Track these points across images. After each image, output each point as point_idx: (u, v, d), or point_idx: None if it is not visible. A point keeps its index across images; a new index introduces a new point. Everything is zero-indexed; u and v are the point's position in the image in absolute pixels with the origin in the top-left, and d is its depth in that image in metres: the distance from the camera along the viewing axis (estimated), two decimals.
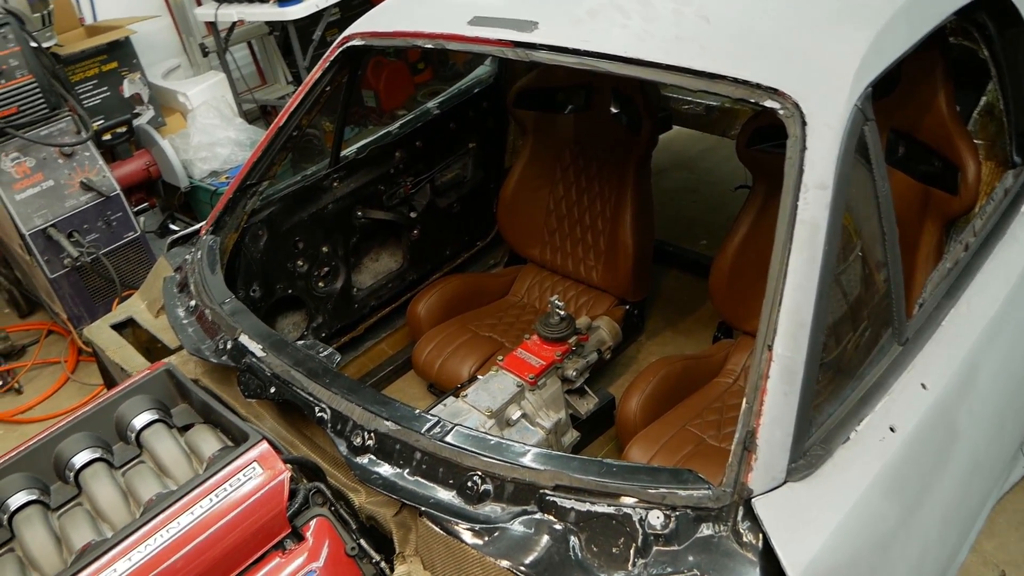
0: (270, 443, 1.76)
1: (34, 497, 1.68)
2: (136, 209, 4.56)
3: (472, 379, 2.56)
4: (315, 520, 1.60)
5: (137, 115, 4.51)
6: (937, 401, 1.64)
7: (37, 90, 3.47)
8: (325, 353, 1.94)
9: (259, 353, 1.96)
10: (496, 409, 2.39)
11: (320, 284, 3.10)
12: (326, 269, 3.10)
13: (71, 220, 3.60)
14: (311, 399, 1.79)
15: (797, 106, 1.59)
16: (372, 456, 1.66)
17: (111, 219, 3.71)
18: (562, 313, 2.56)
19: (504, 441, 1.59)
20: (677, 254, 3.75)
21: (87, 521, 1.62)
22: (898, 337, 1.70)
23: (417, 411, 1.69)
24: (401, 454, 1.63)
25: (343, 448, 1.68)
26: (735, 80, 1.66)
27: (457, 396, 2.48)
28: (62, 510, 1.69)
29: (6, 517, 1.65)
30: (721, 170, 4.43)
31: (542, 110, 3.27)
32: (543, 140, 3.34)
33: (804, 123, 1.57)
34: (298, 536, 1.59)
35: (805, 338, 1.46)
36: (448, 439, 1.60)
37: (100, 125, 4.28)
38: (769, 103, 1.62)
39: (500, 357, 2.58)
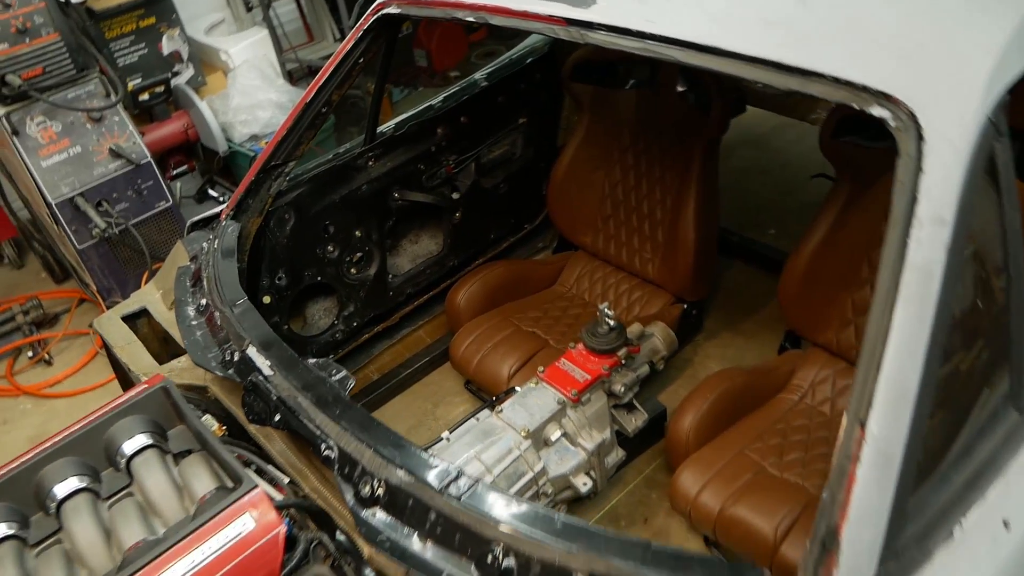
0: (277, 480, 1.57)
1: (11, 532, 1.50)
2: (174, 173, 4.41)
3: (510, 391, 2.32)
4: None
5: (176, 74, 4.30)
6: None
7: (64, 50, 3.27)
8: (338, 376, 1.72)
9: (266, 371, 1.74)
10: (534, 429, 2.16)
11: (352, 271, 2.88)
12: (359, 255, 2.88)
13: (100, 189, 3.42)
14: (318, 433, 1.57)
15: (913, 116, 1.27)
16: (382, 511, 1.43)
17: (142, 187, 3.53)
18: (611, 323, 2.29)
19: (533, 509, 1.35)
20: (742, 245, 3.43)
21: (62, 567, 1.44)
22: (1016, 402, 1.40)
23: (434, 459, 1.45)
24: (414, 512, 1.40)
25: (350, 497, 1.47)
26: (835, 80, 1.35)
27: (492, 410, 2.25)
28: (40, 547, 1.51)
29: None
30: (794, 150, 4.05)
31: (601, 84, 2.95)
32: (600, 117, 3.03)
33: (921, 138, 1.26)
34: None
35: (907, 415, 1.18)
36: (468, 499, 1.37)
37: (137, 85, 4.09)
38: (877, 111, 1.31)
39: (541, 368, 2.33)
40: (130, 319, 2.34)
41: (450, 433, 2.22)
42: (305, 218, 2.64)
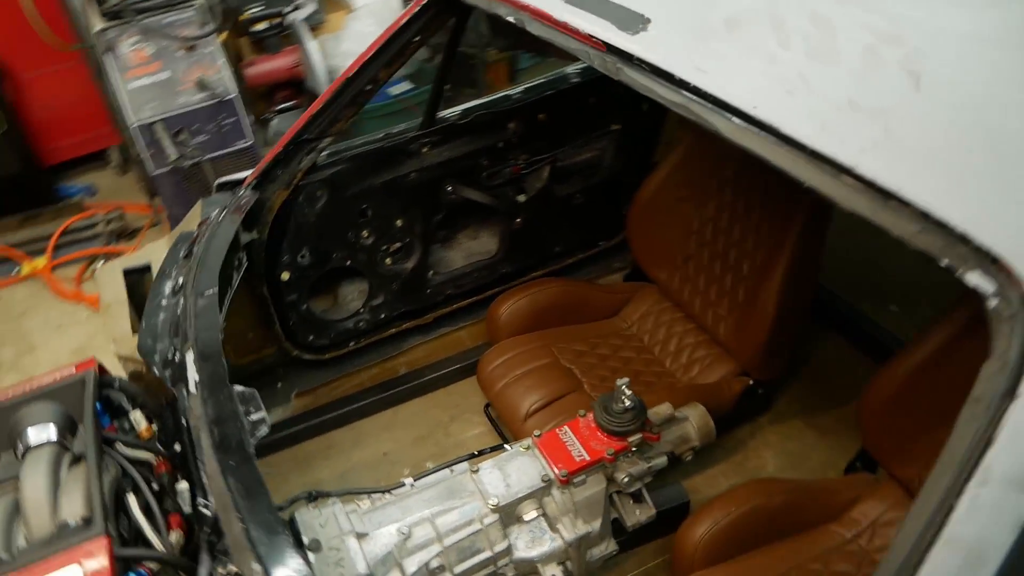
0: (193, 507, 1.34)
1: None
2: (278, 108, 4.28)
3: (497, 447, 2.00)
4: None
5: (298, 7, 4.12)
6: None
7: None
8: (255, 417, 1.45)
9: (191, 387, 1.50)
10: (504, 504, 1.83)
11: (387, 261, 2.61)
12: (398, 245, 2.60)
13: (181, 118, 3.31)
14: (204, 482, 1.31)
15: None
16: None
17: (223, 123, 3.40)
18: (628, 403, 1.90)
19: None
20: (850, 318, 2.90)
21: None
22: None
23: (300, 566, 1.16)
24: None
25: (203, 573, 1.21)
26: (924, 215, 0.92)
27: (471, 464, 1.94)
28: None
29: None
30: None
31: None
32: (706, 141, 2.58)
33: None
34: None
35: None
36: None
37: (254, 13, 3.94)
38: (974, 277, 0.88)
39: (538, 432, 1.98)
40: (134, 273, 2.18)
41: (415, 481, 1.93)
42: (340, 198, 2.39)
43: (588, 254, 3.03)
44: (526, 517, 1.88)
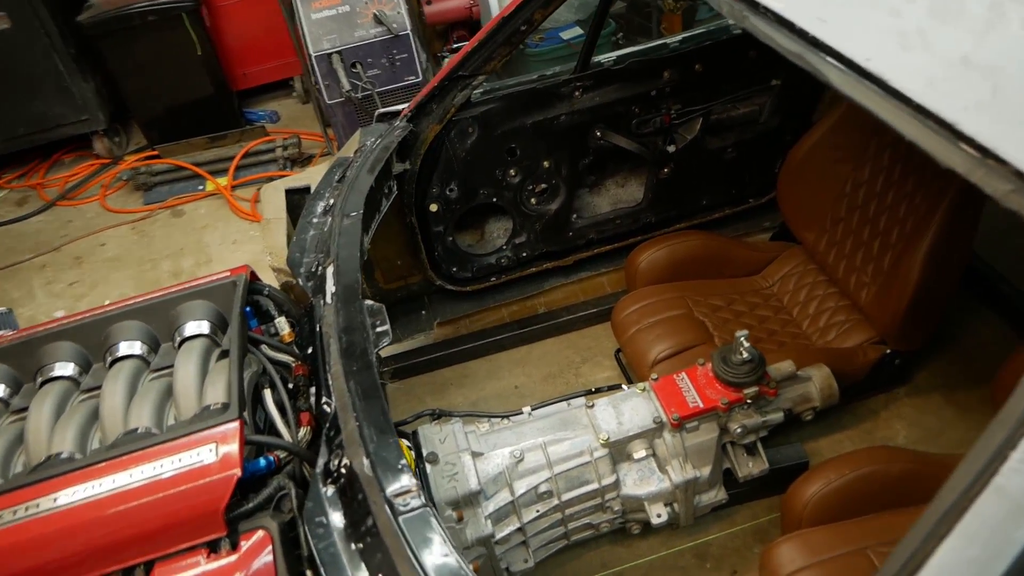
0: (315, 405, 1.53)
1: (67, 372, 1.65)
2: (454, 46, 4.45)
3: (614, 386, 2.09)
4: (257, 533, 1.36)
5: None
6: None
7: None
8: (380, 329, 1.62)
9: (328, 298, 1.69)
10: (615, 440, 1.93)
11: (532, 201, 2.73)
12: (543, 186, 2.71)
13: (357, 51, 3.53)
14: (329, 383, 1.50)
15: None
16: (336, 492, 1.35)
17: (396, 58, 3.59)
18: (746, 355, 1.93)
19: (460, 567, 1.18)
20: (1004, 294, 2.72)
21: (86, 419, 1.55)
22: None
23: (406, 465, 1.32)
24: (357, 510, 1.29)
25: (321, 463, 1.40)
26: (1019, 175, 0.91)
27: (588, 399, 2.05)
28: (87, 396, 1.64)
29: (37, 385, 1.65)
30: None
31: None
32: None
33: None
34: (235, 542, 1.37)
35: None
36: (407, 519, 1.23)
37: None
38: None
39: (655, 375, 2.06)
40: (295, 193, 2.42)
41: (533, 410, 2.06)
42: (490, 136, 2.51)
43: (736, 210, 3.00)
44: (636, 456, 1.97)
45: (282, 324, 1.80)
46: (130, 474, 1.36)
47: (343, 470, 1.35)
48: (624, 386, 2.08)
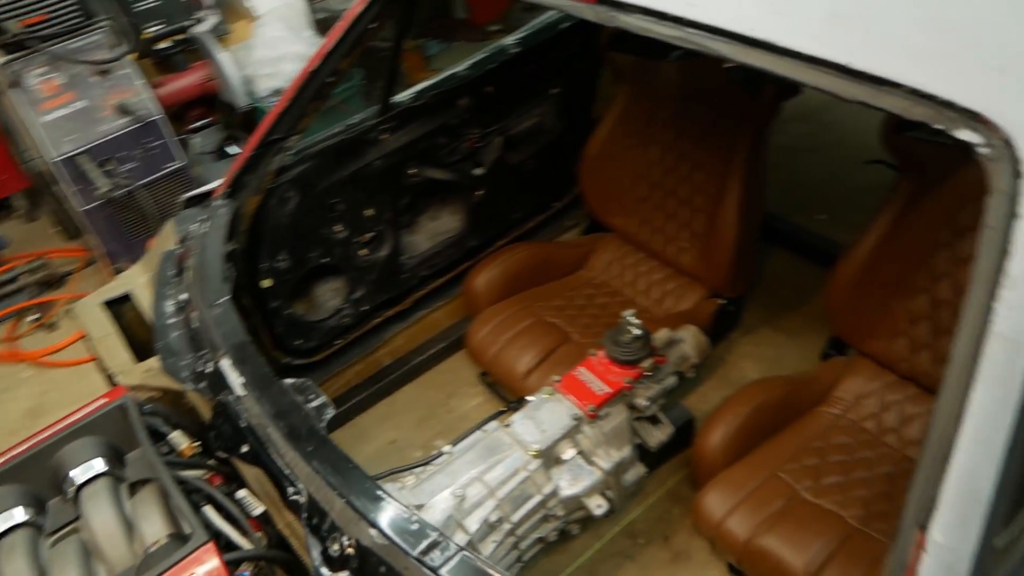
0: (250, 512, 1.40)
1: None
2: (195, 125, 4.23)
3: (520, 400, 2.13)
4: None
5: (198, 21, 4.08)
6: None
7: None
8: (316, 403, 1.54)
9: (238, 390, 1.56)
10: (544, 448, 1.97)
11: (362, 252, 2.69)
12: (370, 235, 2.68)
13: (105, 147, 3.25)
14: (287, 472, 1.39)
15: (1009, 145, 1.02)
16: (348, 575, 1.26)
17: (150, 146, 3.35)
18: (636, 332, 2.07)
19: None
20: (788, 232, 3.15)
21: None
22: None
23: (414, 518, 1.27)
24: None
25: (316, 555, 1.29)
26: (913, 92, 1.09)
27: (500, 421, 2.07)
28: None
29: None
30: (848, 127, 3.71)
31: (643, 55, 2.67)
32: (641, 90, 2.76)
33: (1018, 174, 1.01)
34: None
35: (980, 522, 0.95)
36: (449, 571, 1.18)
37: (155, 32, 3.88)
38: (964, 134, 1.06)
39: (556, 377, 2.13)
40: (113, 304, 2.18)
41: (453, 446, 2.04)
42: (310, 196, 2.44)
43: (544, 217, 3.17)
44: (565, 456, 2.02)
45: (178, 438, 1.63)
46: None
47: (350, 551, 1.26)
48: (529, 398, 2.12)
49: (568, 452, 2.01)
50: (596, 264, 3.00)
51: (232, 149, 4.23)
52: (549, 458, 2.00)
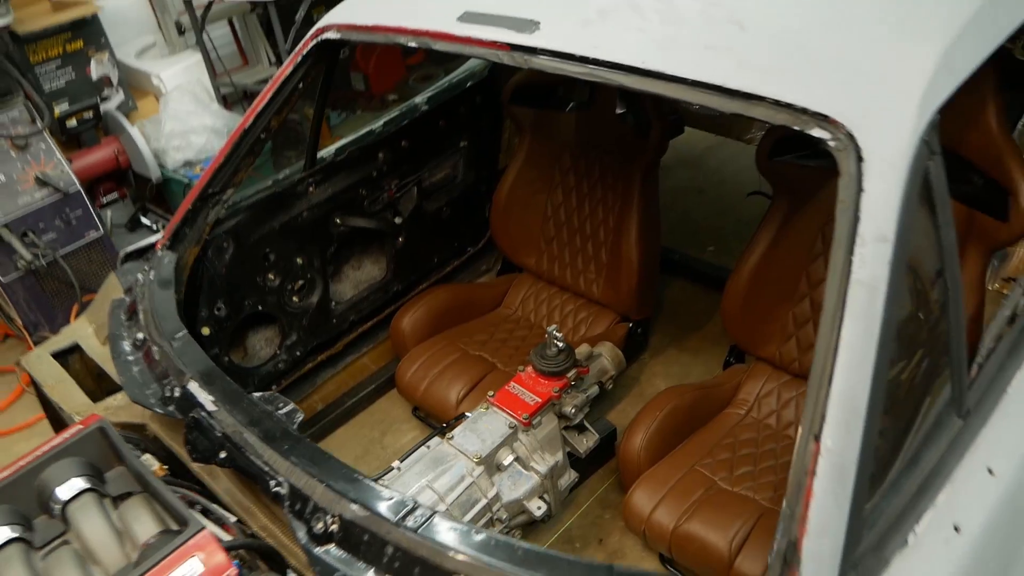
0: (223, 519, 1.51)
1: None
2: (105, 201, 4.28)
3: (460, 417, 2.30)
4: None
5: (106, 99, 4.18)
6: (1008, 491, 1.39)
7: None
8: (286, 410, 1.68)
9: (209, 407, 1.69)
10: (485, 455, 2.14)
11: (294, 299, 2.82)
12: (301, 283, 2.82)
13: (25, 219, 3.30)
14: (267, 469, 1.52)
15: (851, 137, 1.31)
16: (336, 547, 1.40)
17: (71, 217, 3.41)
18: (560, 344, 2.29)
19: (492, 538, 1.33)
20: (683, 263, 3.48)
21: None
22: (958, 409, 1.45)
23: (388, 491, 1.42)
24: (370, 547, 1.37)
25: (302, 534, 1.42)
26: (776, 103, 1.38)
27: (443, 437, 2.22)
28: None
29: None
30: (728, 169, 4.15)
31: (541, 107, 2.98)
32: (541, 140, 3.06)
33: (860, 159, 1.30)
34: None
35: (859, 428, 1.20)
36: (425, 530, 1.34)
37: (64, 110, 3.95)
38: (817, 132, 1.35)
39: (491, 393, 2.32)
40: (61, 356, 2.24)
41: (400, 462, 2.18)
42: (244, 246, 2.58)
43: (460, 261, 3.39)
44: (505, 463, 2.19)
45: (150, 461, 1.72)
46: None
47: (334, 527, 1.40)
48: (467, 413, 2.29)
49: (507, 458, 2.19)
50: (512, 301, 3.22)
51: (145, 220, 4.29)
52: (491, 465, 2.17)
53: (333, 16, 2.19)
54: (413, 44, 1.88)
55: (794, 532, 1.17)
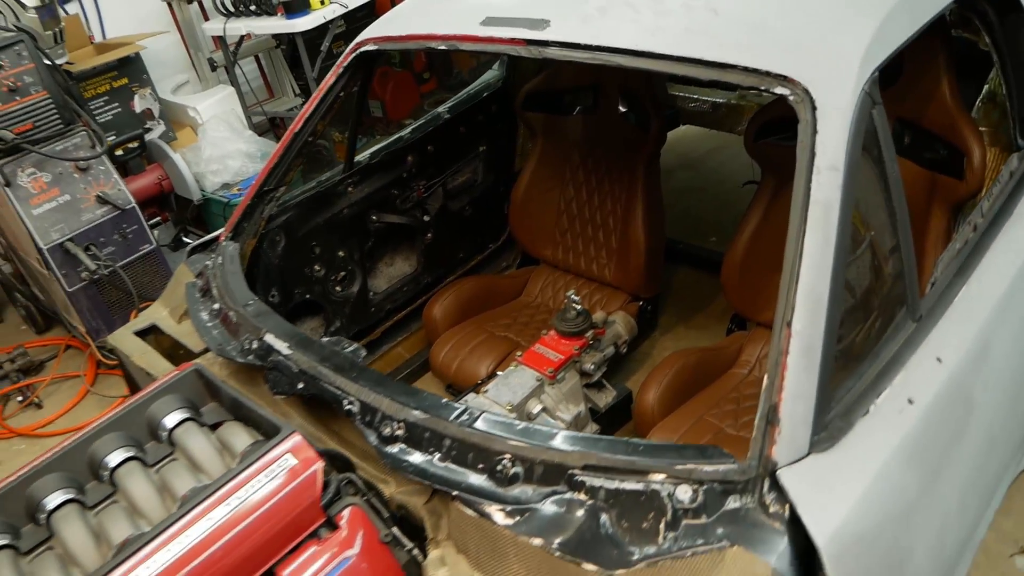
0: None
1: (70, 496, 1.71)
2: (149, 223, 4.63)
3: (491, 375, 2.59)
4: (348, 509, 1.63)
5: (148, 130, 4.57)
6: (953, 375, 1.68)
7: (52, 106, 3.54)
8: (351, 349, 1.99)
9: (285, 351, 2.00)
10: (516, 403, 2.43)
11: (337, 288, 3.14)
12: (342, 273, 3.14)
13: (88, 234, 3.65)
14: (340, 393, 1.82)
15: (807, 92, 1.63)
16: (402, 445, 1.69)
17: (127, 232, 3.76)
18: (579, 308, 2.60)
19: (531, 426, 1.63)
20: (687, 251, 3.79)
21: (124, 517, 1.65)
22: (912, 314, 1.74)
23: (444, 400, 1.73)
24: (431, 442, 1.66)
25: (373, 438, 1.72)
26: (745, 69, 1.70)
27: (477, 392, 2.52)
28: (99, 508, 1.72)
29: (44, 516, 1.69)
30: (727, 168, 4.47)
31: (550, 112, 3.32)
32: (552, 142, 3.39)
33: (814, 108, 1.61)
34: (332, 525, 1.62)
35: (822, 314, 1.50)
36: (476, 425, 1.64)
37: (112, 141, 4.33)
38: (779, 90, 1.66)
39: (519, 353, 2.62)
40: (141, 335, 2.56)
41: None
42: (294, 240, 2.90)
43: (483, 256, 3.71)
44: (533, 411, 2.48)
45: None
46: (227, 505, 1.55)
47: (399, 431, 1.70)
48: (498, 372, 2.59)
49: (536, 407, 2.48)
50: (532, 290, 3.53)
51: (187, 239, 4.65)
52: (521, 413, 2.46)
53: (369, 32, 2.54)
54: (443, 47, 2.22)
55: (774, 398, 1.46)
